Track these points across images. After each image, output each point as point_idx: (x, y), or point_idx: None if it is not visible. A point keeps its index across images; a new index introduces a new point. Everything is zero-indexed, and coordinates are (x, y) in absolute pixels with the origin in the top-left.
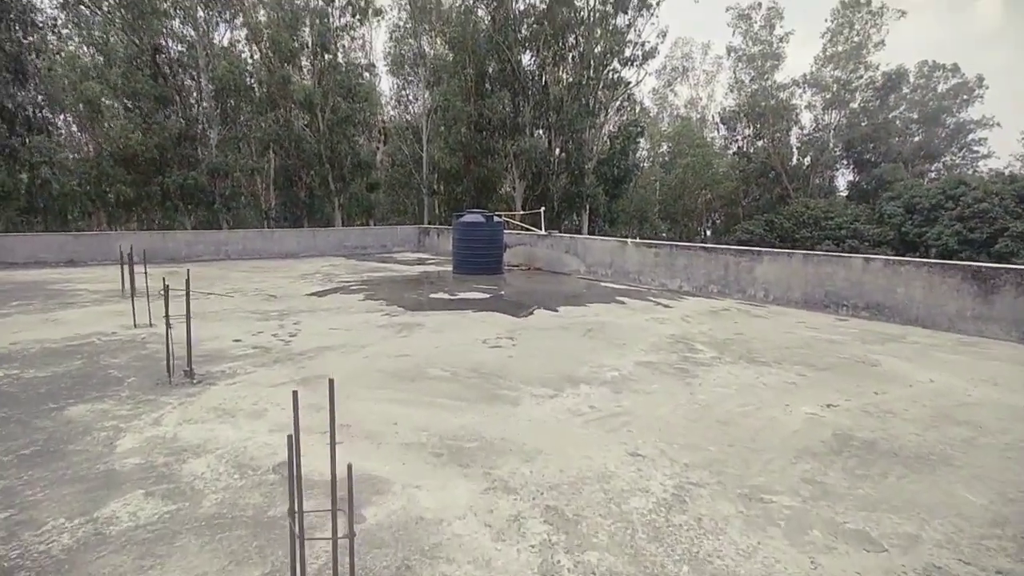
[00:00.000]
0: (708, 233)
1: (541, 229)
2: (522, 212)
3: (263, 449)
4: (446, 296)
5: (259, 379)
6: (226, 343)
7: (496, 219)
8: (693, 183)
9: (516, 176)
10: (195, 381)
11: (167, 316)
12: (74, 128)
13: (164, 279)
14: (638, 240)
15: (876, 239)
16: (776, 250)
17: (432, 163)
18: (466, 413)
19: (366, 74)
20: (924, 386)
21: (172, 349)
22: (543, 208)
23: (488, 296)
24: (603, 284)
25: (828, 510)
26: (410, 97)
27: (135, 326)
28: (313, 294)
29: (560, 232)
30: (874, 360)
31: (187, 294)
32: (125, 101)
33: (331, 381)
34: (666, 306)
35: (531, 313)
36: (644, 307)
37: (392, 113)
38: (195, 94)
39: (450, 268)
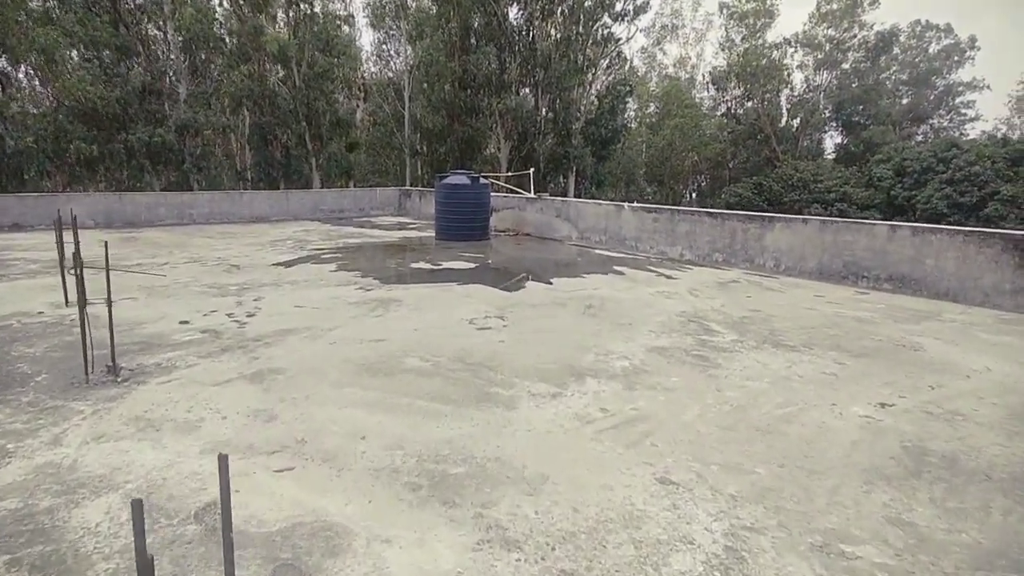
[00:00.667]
0: (693, 196)
1: (530, 192)
2: (509, 173)
3: (188, 483)
4: (427, 266)
5: (200, 375)
6: (170, 325)
7: (482, 181)
8: (681, 145)
9: (502, 136)
10: (119, 379)
11: (82, 295)
12: (36, 82)
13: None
14: (636, 204)
15: (864, 202)
16: (790, 216)
17: (415, 122)
18: (451, 421)
19: (345, 26)
20: (983, 376)
21: (91, 338)
22: (532, 169)
23: (474, 266)
24: (597, 251)
25: (934, 570)
26: (392, 52)
27: (67, 304)
28: (280, 264)
29: (550, 195)
30: (915, 343)
31: (107, 267)
32: (83, 50)
33: (222, 458)
34: (669, 277)
35: (522, 286)
36: (646, 278)
37: (373, 70)
38: (161, 45)
39: (432, 234)
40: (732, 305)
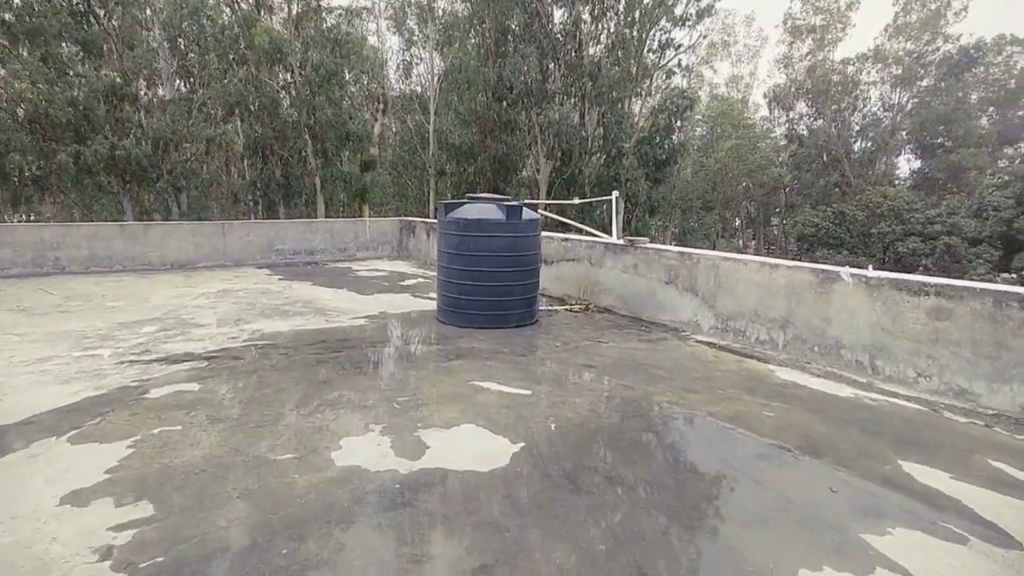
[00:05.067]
0: (738, 223)
1: (613, 234)
2: (574, 201)
3: None
4: (386, 463)
5: None
6: None
7: (527, 215)
8: (736, 168)
9: (541, 155)
10: None
11: None
12: None
13: None
14: (872, 273)
15: (974, 236)
16: None
17: (441, 138)
18: None
19: (357, 21)
20: None
21: None
22: (615, 194)
23: (517, 449)
24: (780, 374)
25: None
26: (415, 59)
27: None
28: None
29: (648, 243)
30: None
31: None
32: (27, 43)
33: None
34: None
35: None
36: None
37: (393, 78)
38: (140, 40)
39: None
40: None
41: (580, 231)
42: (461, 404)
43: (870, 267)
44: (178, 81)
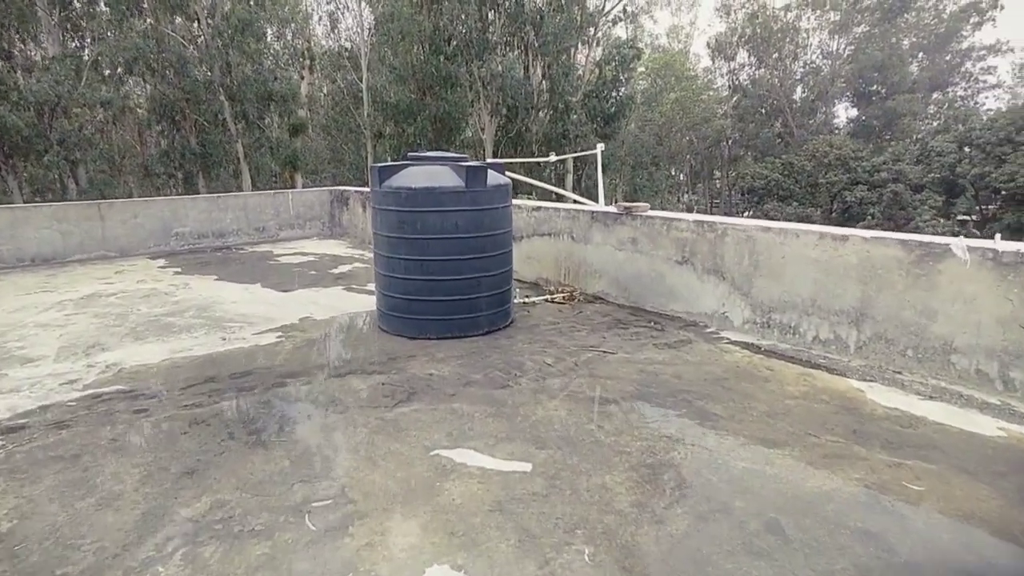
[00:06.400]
0: (682, 178)
1: (599, 199)
2: (550, 158)
3: None
4: None
5: None
6: None
7: (491, 175)
8: (680, 122)
9: (486, 113)
10: None
11: None
12: None
13: None
14: (1004, 245)
15: (917, 182)
16: None
17: (375, 97)
18: None
19: None
20: None
21: None
22: (600, 146)
23: None
24: (867, 386)
25: None
26: (342, 9)
27: None
28: None
29: (650, 210)
30: None
31: None
32: None
33: None
34: None
35: None
36: None
37: (321, 33)
38: None
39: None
40: None
41: (555, 197)
42: (422, 510)
43: (998, 236)
44: (63, 35)
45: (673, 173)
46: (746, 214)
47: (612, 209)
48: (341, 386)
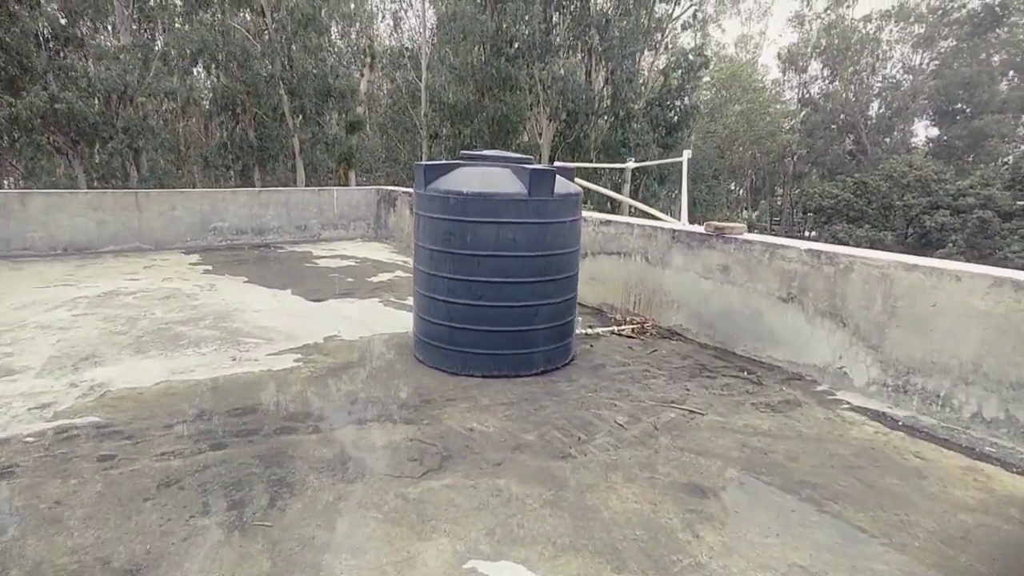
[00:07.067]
0: (741, 193)
1: (681, 217)
2: (623, 163)
3: None
4: None
5: None
6: None
7: (560, 182)
8: (745, 135)
9: (544, 116)
10: None
11: None
12: None
13: None
14: None
15: (1007, 209)
16: None
17: (434, 96)
18: None
19: None
20: None
21: None
22: (687, 153)
23: None
24: None
25: None
26: (405, 7)
27: None
28: None
29: (746, 232)
30: None
31: None
32: None
33: None
34: None
35: None
36: None
37: (384, 32)
38: None
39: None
40: None
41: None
42: None
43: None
44: (135, 26)
45: (733, 188)
46: (811, 234)
47: (698, 229)
48: (359, 439)
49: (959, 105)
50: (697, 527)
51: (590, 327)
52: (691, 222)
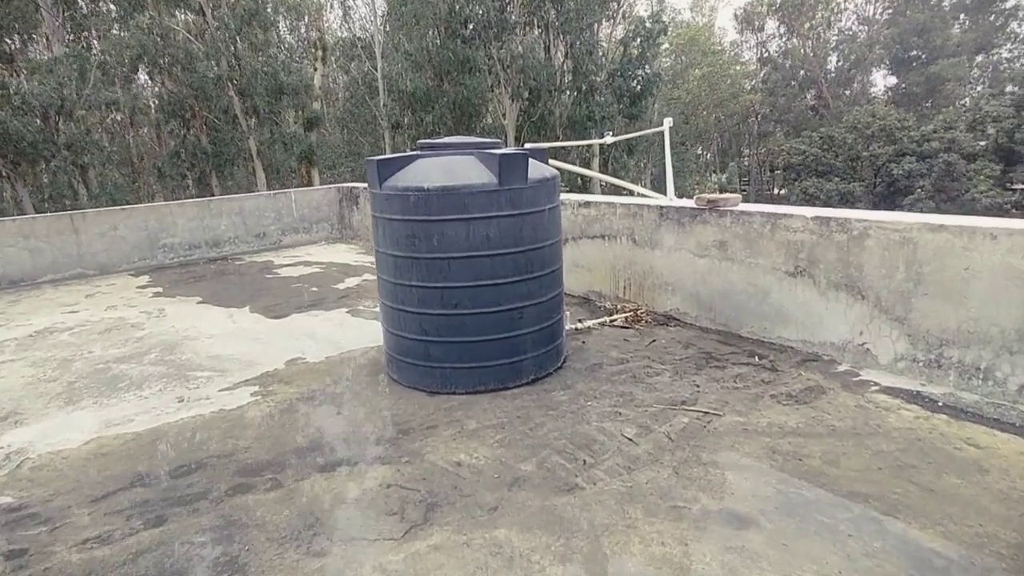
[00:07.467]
0: (708, 157)
1: (668, 191)
2: (612, 138)
3: None
4: None
5: None
6: None
7: (534, 166)
8: (707, 99)
9: (506, 96)
10: None
11: None
12: None
13: None
14: None
15: (970, 150)
16: None
17: (391, 85)
18: None
19: None
20: None
21: None
22: (667, 121)
23: None
24: None
25: None
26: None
27: None
28: None
29: (740, 203)
30: None
31: None
32: None
33: None
34: None
35: None
36: None
37: (335, 24)
38: None
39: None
40: None
41: (606, 187)
42: None
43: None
44: (66, 35)
45: (700, 152)
46: (782, 191)
47: (688, 203)
48: (327, 491)
49: (914, 52)
50: (742, 573)
51: (580, 321)
52: (658, 192)
